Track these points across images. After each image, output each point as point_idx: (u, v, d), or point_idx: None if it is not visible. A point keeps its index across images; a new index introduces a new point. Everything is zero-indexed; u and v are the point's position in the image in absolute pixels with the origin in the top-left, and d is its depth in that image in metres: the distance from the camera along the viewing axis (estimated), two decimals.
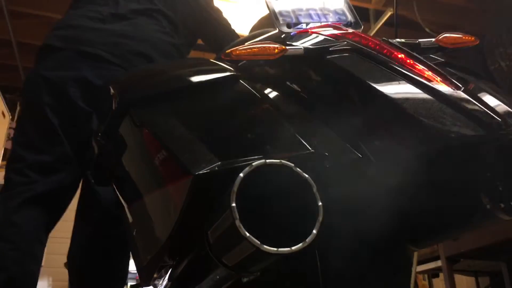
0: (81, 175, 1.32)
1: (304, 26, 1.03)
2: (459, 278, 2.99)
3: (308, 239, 0.58)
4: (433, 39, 0.98)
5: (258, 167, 0.60)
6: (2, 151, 3.88)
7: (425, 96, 0.76)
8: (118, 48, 1.35)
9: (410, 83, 0.78)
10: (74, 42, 1.34)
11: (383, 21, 3.74)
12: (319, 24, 1.04)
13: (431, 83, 0.77)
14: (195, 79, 0.91)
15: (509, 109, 0.73)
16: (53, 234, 1.30)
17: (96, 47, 1.33)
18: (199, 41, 1.75)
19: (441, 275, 3.21)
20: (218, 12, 1.71)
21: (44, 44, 1.38)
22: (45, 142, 1.27)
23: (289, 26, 1.02)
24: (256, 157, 0.67)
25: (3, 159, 3.80)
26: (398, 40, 0.97)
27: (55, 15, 3.63)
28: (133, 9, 1.45)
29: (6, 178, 1.25)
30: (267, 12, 1.06)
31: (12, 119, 4.40)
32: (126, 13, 1.43)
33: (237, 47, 0.88)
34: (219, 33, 1.66)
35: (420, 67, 0.81)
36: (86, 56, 1.32)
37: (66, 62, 1.32)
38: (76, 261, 1.36)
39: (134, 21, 1.42)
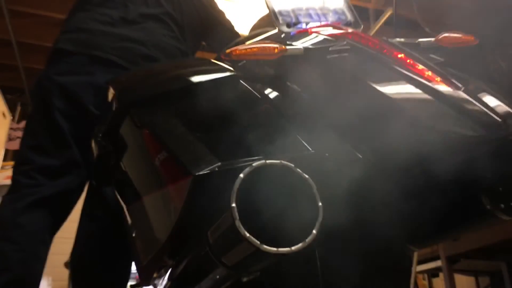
0: (88, 177, 1.32)
1: (304, 25, 1.03)
2: (459, 278, 2.98)
3: (308, 239, 0.58)
4: (433, 39, 0.98)
5: (258, 167, 0.60)
6: (3, 152, 3.88)
7: (425, 96, 0.76)
8: (130, 53, 1.36)
9: (410, 83, 0.78)
10: (86, 47, 1.35)
11: (383, 20, 3.74)
12: (318, 24, 1.04)
13: (431, 83, 0.77)
14: (195, 79, 0.91)
15: (509, 110, 0.74)
16: None
17: (108, 52, 1.34)
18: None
19: (441, 275, 3.21)
20: (221, 14, 1.71)
21: (55, 47, 1.39)
22: (54, 146, 1.27)
23: (289, 25, 1.02)
24: (256, 157, 0.67)
25: (4, 160, 3.80)
26: (397, 40, 0.97)
27: (55, 15, 3.63)
28: (142, 13, 1.45)
29: (13, 179, 1.26)
30: (267, 11, 1.06)
31: (13, 120, 4.40)
32: (136, 17, 1.43)
33: (237, 47, 0.88)
34: (222, 35, 1.66)
35: (420, 67, 0.81)
36: (98, 61, 1.33)
37: (78, 67, 1.32)
38: (79, 261, 1.36)
39: (144, 25, 1.43)
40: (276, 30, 1.07)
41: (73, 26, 1.43)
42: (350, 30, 0.96)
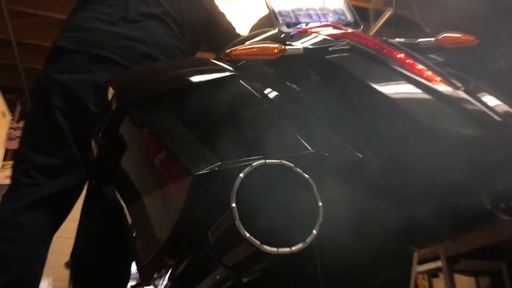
0: (88, 176, 1.32)
1: (303, 26, 1.03)
2: (459, 278, 2.98)
3: (308, 239, 0.58)
4: (433, 39, 0.98)
5: (258, 167, 0.60)
6: (3, 151, 3.88)
7: (425, 96, 0.76)
8: (130, 51, 1.36)
9: (409, 83, 0.78)
10: (87, 45, 1.35)
11: (382, 21, 3.74)
12: (318, 24, 1.04)
13: (431, 83, 0.77)
14: (195, 79, 0.91)
15: (509, 109, 0.74)
16: None
17: (108, 50, 1.34)
18: None
19: (441, 275, 3.21)
20: (222, 15, 1.72)
21: (55, 46, 1.38)
22: (53, 145, 1.27)
23: (288, 26, 1.02)
24: (256, 157, 0.67)
25: (4, 159, 3.81)
26: (397, 40, 0.97)
27: (55, 15, 3.63)
28: (142, 12, 1.45)
29: (12, 178, 1.26)
30: (267, 12, 1.06)
31: (13, 119, 4.41)
32: (136, 16, 1.44)
33: (236, 47, 0.88)
34: (222, 37, 1.66)
35: (420, 67, 0.81)
36: (98, 59, 1.33)
37: (78, 65, 1.32)
38: (79, 261, 1.36)
39: (144, 24, 1.43)
40: (276, 30, 1.07)
41: (73, 24, 1.43)
42: (349, 30, 0.96)
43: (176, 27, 1.51)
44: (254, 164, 0.60)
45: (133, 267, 1.40)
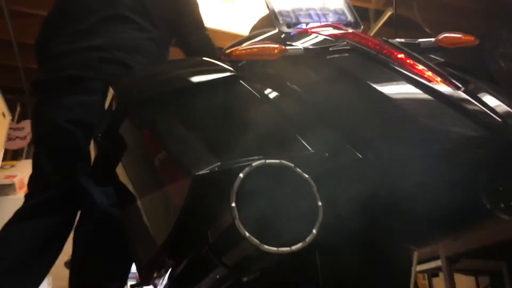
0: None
1: (304, 26, 1.03)
2: (459, 278, 2.98)
3: (308, 239, 0.58)
4: (433, 39, 0.98)
5: (258, 167, 0.60)
6: (2, 151, 3.88)
7: (425, 96, 0.76)
8: (90, 62, 1.41)
9: (410, 83, 0.78)
10: (53, 71, 1.45)
11: (383, 21, 3.73)
12: (319, 24, 1.04)
13: (431, 83, 0.77)
14: (195, 79, 0.91)
15: (509, 109, 0.74)
16: None
17: (69, 69, 1.41)
18: None
19: (441, 274, 3.21)
20: (195, 10, 1.68)
21: (33, 81, 1.50)
22: (38, 166, 1.40)
23: (289, 26, 1.02)
24: (256, 157, 0.67)
25: (3, 160, 3.80)
26: (398, 40, 0.97)
27: None
28: (101, 17, 1.49)
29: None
30: (267, 12, 1.07)
31: (12, 120, 4.40)
32: (96, 23, 1.48)
33: (237, 47, 0.88)
34: (192, 35, 1.64)
35: (420, 67, 0.81)
36: (64, 81, 1.41)
37: (51, 93, 1.42)
38: (79, 260, 1.37)
39: (102, 30, 1.47)
40: (276, 31, 1.07)
41: (41, 56, 1.56)
42: (350, 31, 0.97)
43: (141, 19, 1.52)
44: (254, 164, 0.60)
45: (133, 267, 1.40)
